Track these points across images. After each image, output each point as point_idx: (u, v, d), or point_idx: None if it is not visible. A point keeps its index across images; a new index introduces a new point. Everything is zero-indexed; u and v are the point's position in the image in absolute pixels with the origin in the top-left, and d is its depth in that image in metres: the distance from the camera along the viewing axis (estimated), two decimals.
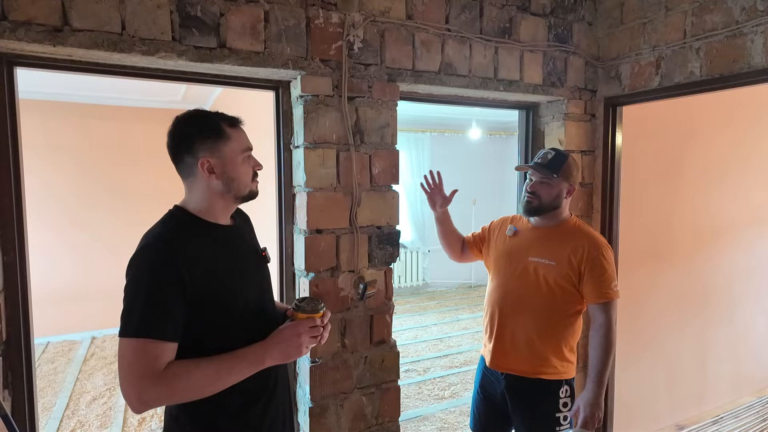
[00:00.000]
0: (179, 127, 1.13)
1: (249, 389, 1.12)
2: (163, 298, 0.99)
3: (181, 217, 1.12)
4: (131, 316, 0.99)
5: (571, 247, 1.69)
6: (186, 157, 1.11)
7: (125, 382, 0.98)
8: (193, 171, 1.11)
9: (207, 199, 1.13)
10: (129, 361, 0.98)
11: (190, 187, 1.13)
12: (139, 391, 0.97)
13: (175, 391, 1.00)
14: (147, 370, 0.97)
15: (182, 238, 1.07)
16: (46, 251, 4.83)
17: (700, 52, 1.92)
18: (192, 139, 1.10)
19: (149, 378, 0.97)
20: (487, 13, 2.03)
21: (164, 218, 1.13)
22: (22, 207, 1.53)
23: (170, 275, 1.00)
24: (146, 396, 0.97)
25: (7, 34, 1.32)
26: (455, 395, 3.68)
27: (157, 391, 0.98)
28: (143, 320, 0.98)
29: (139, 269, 1.01)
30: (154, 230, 1.10)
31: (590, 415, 1.63)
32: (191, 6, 1.52)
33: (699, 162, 2.90)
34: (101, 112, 5.02)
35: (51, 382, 3.93)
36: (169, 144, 1.13)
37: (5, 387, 1.50)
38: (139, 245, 1.06)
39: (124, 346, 0.99)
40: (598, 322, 1.67)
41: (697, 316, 3.05)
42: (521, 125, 2.49)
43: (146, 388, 0.97)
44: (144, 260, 1.02)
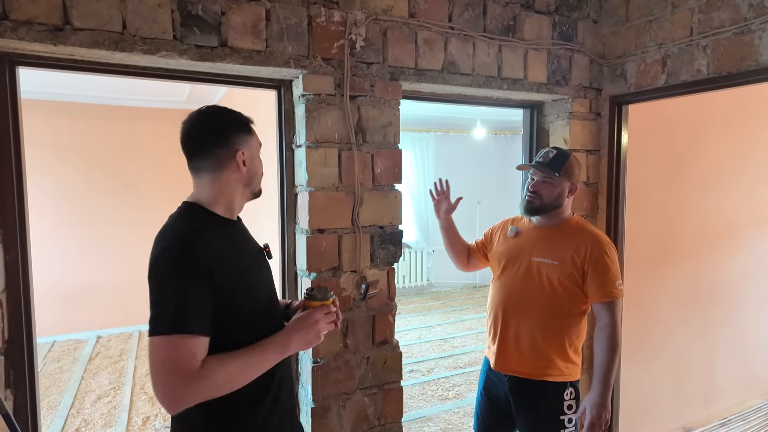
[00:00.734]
0: (210, 120, 1.13)
1: (256, 389, 1.11)
2: (194, 293, 0.98)
3: (198, 213, 1.11)
4: (164, 313, 0.97)
5: (574, 246, 1.67)
6: (219, 149, 1.10)
7: (162, 381, 0.95)
8: (224, 164, 1.11)
9: (229, 193, 1.13)
10: (165, 359, 0.95)
11: (215, 181, 1.12)
12: (178, 389, 0.94)
13: (213, 387, 0.98)
14: (185, 367, 0.94)
15: (205, 234, 1.06)
16: (52, 251, 4.87)
17: (707, 49, 1.89)
18: (228, 132, 1.12)
19: (188, 375, 0.95)
20: (491, 11, 2.01)
21: (180, 214, 1.12)
22: (24, 206, 1.53)
23: (199, 270, 1.00)
24: (185, 394, 0.95)
25: (8, 34, 1.32)
26: (459, 396, 3.66)
27: (196, 388, 0.96)
28: (178, 316, 0.96)
29: (168, 265, 1.00)
30: (175, 226, 1.08)
31: (597, 416, 1.61)
32: (192, 5, 1.51)
33: (706, 161, 2.87)
34: (107, 112, 5.05)
35: (56, 380, 3.96)
36: (196, 136, 1.11)
37: (7, 386, 1.50)
38: (163, 242, 1.04)
39: (158, 344, 0.95)
40: (603, 321, 1.65)
41: (704, 317, 3.02)
42: (525, 124, 2.47)
43: (185, 385, 0.94)
44: (172, 256, 1.00)
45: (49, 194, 4.88)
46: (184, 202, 1.14)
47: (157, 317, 0.97)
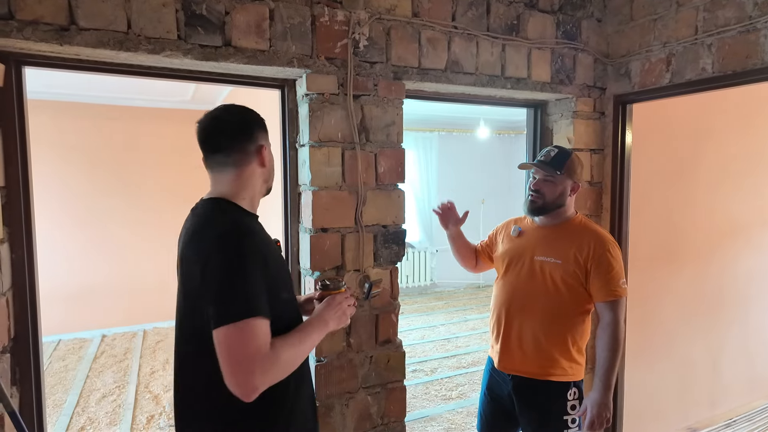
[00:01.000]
0: (235, 116, 1.15)
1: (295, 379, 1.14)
2: (256, 278, 1.00)
3: (231, 206, 1.12)
4: (234, 299, 0.97)
5: (577, 245, 1.67)
6: (247, 144, 1.13)
7: (240, 367, 0.95)
8: (249, 159, 1.13)
9: (251, 188, 1.16)
10: (244, 344, 0.95)
11: (239, 176, 1.13)
12: (258, 374, 0.95)
13: (283, 367, 1.02)
14: (263, 350, 0.96)
15: (250, 225, 1.09)
16: (58, 250, 4.90)
17: (712, 48, 1.88)
18: (254, 128, 1.15)
19: (265, 358, 0.96)
20: (494, 10, 2.01)
21: (215, 208, 1.11)
22: (30, 205, 1.54)
23: (256, 257, 1.02)
24: (264, 378, 0.96)
25: (15, 33, 1.33)
26: (463, 396, 3.66)
27: (272, 370, 0.98)
28: (248, 301, 0.98)
29: (226, 254, 1.00)
30: (220, 218, 1.08)
31: (597, 414, 1.61)
32: (196, 4, 1.52)
33: (712, 161, 2.86)
34: (112, 112, 5.07)
35: (62, 379, 3.98)
36: (223, 130, 1.12)
37: (13, 383, 1.52)
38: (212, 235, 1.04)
39: (231, 332, 0.95)
40: (606, 320, 1.64)
41: (710, 318, 3.00)
42: (529, 123, 2.46)
43: (264, 369, 0.96)
44: (229, 245, 1.01)
45: (55, 194, 4.91)
46: (211, 199, 1.14)
47: (226, 304, 0.97)
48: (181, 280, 1.13)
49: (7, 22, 1.32)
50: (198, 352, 1.05)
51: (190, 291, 1.09)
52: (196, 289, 1.05)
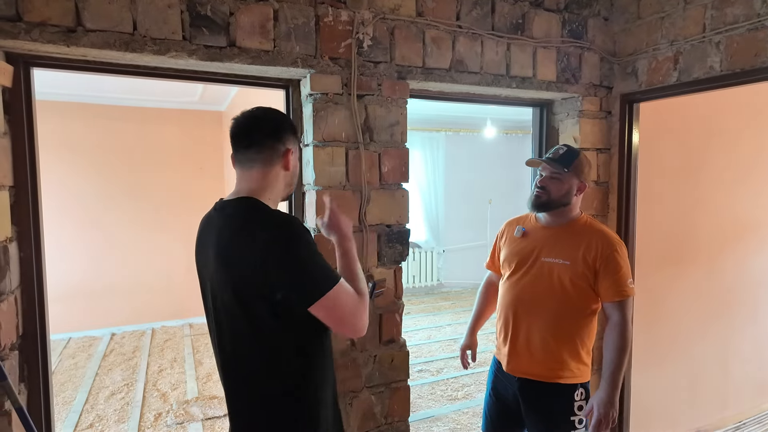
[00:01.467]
0: (271, 116, 1.21)
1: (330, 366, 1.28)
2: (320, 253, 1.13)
3: (262, 204, 1.16)
4: (327, 270, 1.10)
5: (584, 246, 1.66)
6: (276, 143, 1.18)
7: (356, 313, 1.13)
8: (276, 160, 1.18)
9: (274, 189, 1.20)
10: (348, 298, 1.12)
11: (266, 175, 1.18)
12: (364, 315, 1.14)
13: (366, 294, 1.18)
14: (355, 298, 1.13)
15: None
16: (68, 250, 4.96)
17: (720, 46, 1.86)
18: (285, 129, 1.20)
19: (359, 302, 1.14)
20: (499, 9, 2.00)
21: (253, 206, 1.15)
22: (38, 204, 1.56)
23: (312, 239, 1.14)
24: (366, 313, 1.15)
25: (23, 35, 1.35)
26: (468, 396, 3.65)
27: (366, 304, 1.16)
28: (331, 270, 1.12)
29: (301, 238, 1.09)
30: (265, 212, 1.14)
31: (604, 414, 1.60)
32: (201, 5, 1.53)
33: (721, 160, 2.82)
34: (120, 113, 5.13)
35: (72, 376, 4.03)
36: (255, 128, 1.18)
37: (21, 380, 1.54)
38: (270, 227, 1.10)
39: (337, 291, 1.10)
40: (614, 320, 1.63)
41: (720, 319, 2.96)
42: (535, 123, 2.45)
43: (364, 306, 1.15)
44: (293, 231, 1.10)
45: (66, 194, 4.97)
46: (240, 198, 1.17)
47: (324, 274, 1.10)
48: (222, 278, 1.13)
49: (15, 23, 1.34)
50: (251, 342, 1.14)
51: (241, 285, 1.10)
52: (251, 281, 1.08)
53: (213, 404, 3.41)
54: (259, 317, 1.10)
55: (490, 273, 2.03)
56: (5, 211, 1.45)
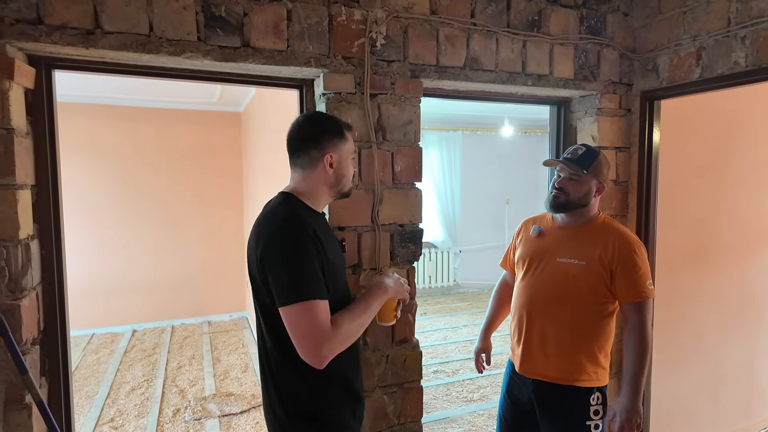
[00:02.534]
0: (309, 123, 1.31)
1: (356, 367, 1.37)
2: (314, 266, 1.14)
3: (295, 200, 1.27)
4: (298, 282, 1.11)
5: (601, 246, 1.62)
6: (313, 150, 1.26)
7: (309, 340, 1.10)
8: (316, 163, 1.27)
9: (318, 190, 1.29)
10: (309, 322, 1.10)
11: (306, 178, 1.28)
12: (324, 346, 1.10)
13: (345, 338, 1.16)
14: (325, 325, 1.11)
15: (307, 219, 1.21)
16: (92, 248, 5.09)
17: (745, 40, 1.80)
18: (321, 136, 1.27)
19: (328, 332, 1.11)
20: (515, 6, 1.97)
21: (281, 200, 1.27)
22: (59, 203, 1.60)
23: (314, 247, 1.16)
24: (330, 350, 1.12)
25: (44, 38, 1.39)
26: (484, 398, 3.62)
27: (335, 342, 1.13)
28: (308, 284, 1.11)
29: (289, 242, 1.14)
30: (280, 209, 1.23)
31: (627, 420, 1.56)
32: (216, 6, 1.55)
33: (747, 158, 2.73)
34: (141, 114, 5.24)
35: (94, 371, 4.13)
36: (296, 136, 1.29)
37: (42, 374, 1.58)
38: (273, 223, 1.19)
39: (301, 310, 1.10)
40: (632, 323, 1.59)
41: (745, 323, 2.87)
42: (552, 121, 2.41)
43: (329, 341, 1.11)
44: (288, 235, 1.15)
45: (90, 194, 5.10)
46: (282, 192, 1.30)
47: (292, 286, 1.11)
48: (248, 267, 1.27)
49: (36, 26, 1.38)
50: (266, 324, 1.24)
51: (253, 274, 1.22)
52: (258, 272, 1.19)
53: (230, 401, 3.45)
54: (266, 300, 1.20)
55: (505, 273, 2.01)
56: (27, 209, 1.49)
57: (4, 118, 1.38)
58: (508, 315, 1.95)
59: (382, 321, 1.43)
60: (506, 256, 1.96)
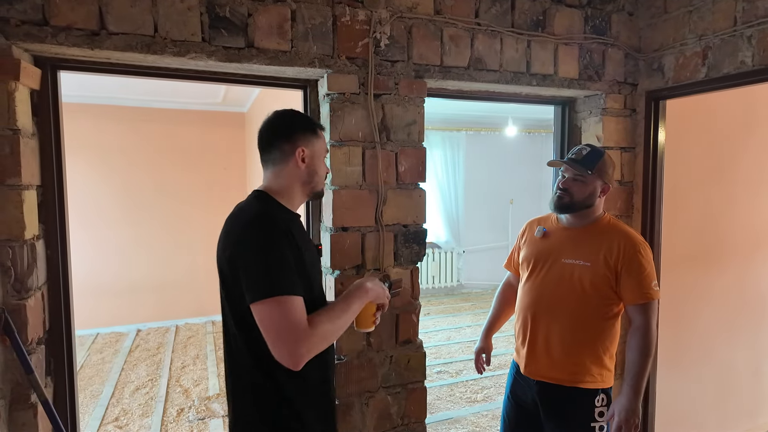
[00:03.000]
0: (282, 118, 1.28)
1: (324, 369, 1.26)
2: (288, 261, 1.09)
3: (267, 198, 1.23)
4: (268, 277, 1.05)
5: (606, 246, 1.61)
6: (284, 144, 1.23)
7: (281, 338, 1.03)
8: (287, 158, 1.23)
9: (291, 187, 1.26)
10: (282, 318, 1.03)
11: (278, 174, 1.25)
12: (300, 345, 1.03)
13: (323, 338, 1.09)
14: (300, 322, 1.05)
15: (280, 216, 1.18)
16: (96, 248, 5.12)
17: (752, 40, 1.79)
18: (293, 130, 1.25)
19: (305, 331, 1.04)
20: (519, 6, 1.97)
21: (253, 198, 1.24)
22: (64, 203, 1.61)
23: (287, 242, 1.12)
24: (306, 349, 1.04)
25: (49, 39, 1.39)
26: (488, 399, 3.61)
27: (312, 342, 1.06)
28: (282, 279, 1.06)
29: (260, 237, 1.10)
30: (251, 207, 1.19)
31: (625, 420, 1.55)
32: (220, 7, 1.55)
33: (753, 159, 2.71)
34: (146, 114, 5.26)
35: (99, 371, 4.15)
36: (268, 130, 1.26)
37: (47, 374, 1.58)
38: (242, 220, 1.16)
39: (272, 306, 1.04)
40: (637, 324, 1.59)
41: (751, 324, 2.85)
42: (556, 121, 2.40)
43: (305, 340, 1.04)
44: (262, 229, 1.11)
45: (95, 193, 5.13)
46: (254, 190, 1.26)
47: (264, 282, 1.05)
48: (218, 265, 1.21)
49: (42, 28, 1.39)
50: (240, 332, 1.15)
51: (226, 274, 1.16)
52: (230, 271, 1.13)
53: None
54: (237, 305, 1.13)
55: (509, 274, 2.00)
56: (33, 209, 1.49)
57: (10, 119, 1.39)
58: (511, 316, 1.95)
59: (359, 327, 1.33)
60: (510, 257, 1.95)
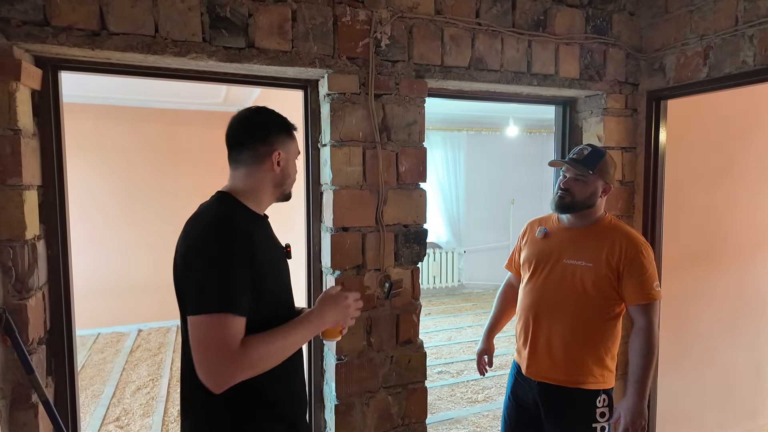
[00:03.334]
0: (257, 116, 1.20)
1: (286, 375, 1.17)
2: (237, 273, 1.01)
3: (230, 200, 1.16)
4: (210, 290, 0.98)
5: (608, 247, 1.61)
6: (259, 145, 1.16)
7: (209, 359, 0.96)
8: (262, 160, 1.16)
9: (262, 189, 1.18)
10: (212, 338, 0.96)
11: (249, 175, 1.17)
12: (225, 368, 0.96)
13: (254, 365, 1.00)
14: (231, 346, 0.97)
15: (241, 220, 1.10)
16: (97, 247, 5.12)
17: (753, 39, 1.78)
18: (270, 131, 1.18)
19: (233, 353, 0.97)
20: (520, 6, 1.97)
21: (214, 201, 1.16)
22: (65, 203, 1.61)
23: (241, 252, 1.03)
24: (231, 373, 0.97)
25: (50, 39, 1.39)
26: (489, 399, 3.60)
27: (240, 367, 0.98)
28: (224, 295, 0.98)
29: (211, 245, 1.02)
30: (210, 211, 1.12)
31: (632, 422, 1.54)
32: (221, 7, 1.55)
33: (754, 158, 2.70)
34: (148, 114, 5.26)
35: (100, 371, 4.15)
36: (241, 129, 1.18)
37: (48, 374, 1.59)
38: (199, 225, 1.08)
39: (205, 322, 0.97)
40: (639, 324, 1.58)
41: (751, 324, 2.84)
42: (557, 121, 2.40)
43: (231, 363, 0.97)
44: (215, 237, 1.03)
45: (96, 193, 5.13)
46: (218, 191, 1.19)
47: (203, 293, 0.99)
48: (173, 268, 1.14)
49: (43, 28, 1.39)
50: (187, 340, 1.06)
51: (180, 278, 1.10)
52: (181, 277, 1.07)
53: None
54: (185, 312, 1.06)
55: (509, 275, 1.99)
56: (34, 209, 1.50)
57: (11, 120, 1.39)
58: (512, 317, 1.94)
59: (325, 337, 1.28)
60: (511, 257, 1.95)
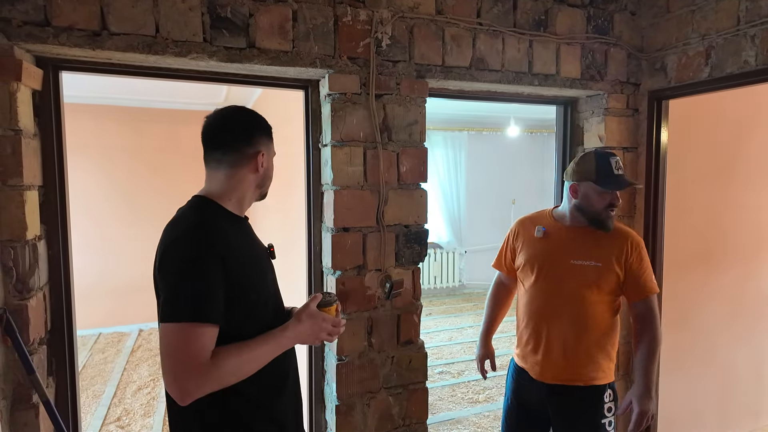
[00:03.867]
0: (240, 116, 1.16)
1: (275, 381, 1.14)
2: (209, 282, 0.99)
3: (209, 205, 1.12)
4: (180, 300, 0.97)
5: (617, 247, 1.64)
6: (243, 146, 1.12)
7: (175, 370, 0.94)
8: (245, 162, 1.13)
9: (243, 191, 1.15)
10: (179, 348, 0.94)
11: (231, 177, 1.13)
12: (190, 379, 0.94)
13: (222, 377, 0.98)
14: (199, 357, 0.94)
15: (218, 226, 1.07)
16: (99, 247, 5.12)
17: (755, 39, 1.78)
18: (254, 132, 1.15)
19: (201, 365, 0.94)
20: (521, 6, 1.96)
21: (191, 206, 1.13)
22: (66, 203, 1.61)
23: (214, 260, 1.00)
24: (197, 385, 0.95)
25: (51, 39, 1.39)
26: (490, 399, 3.60)
27: (207, 379, 0.95)
28: (194, 304, 0.96)
29: (183, 254, 1.00)
30: (187, 217, 1.09)
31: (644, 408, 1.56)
32: (221, 7, 1.55)
33: (756, 158, 2.70)
34: (149, 115, 5.27)
35: (101, 371, 4.15)
36: (223, 129, 1.14)
37: (49, 374, 1.59)
38: (175, 232, 1.05)
39: (173, 331, 0.95)
40: (648, 317, 1.63)
41: (754, 323, 2.84)
42: (559, 121, 2.40)
43: (198, 375, 0.94)
44: (188, 245, 1.01)
45: (98, 193, 5.14)
46: (194, 196, 1.15)
47: (172, 302, 0.97)
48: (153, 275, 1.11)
49: (43, 28, 1.39)
50: None
51: (155, 285, 1.08)
52: (157, 284, 1.06)
53: None
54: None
55: (498, 274, 1.96)
56: (34, 210, 1.50)
57: (12, 120, 1.39)
58: (506, 315, 1.96)
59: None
60: (500, 256, 1.91)
